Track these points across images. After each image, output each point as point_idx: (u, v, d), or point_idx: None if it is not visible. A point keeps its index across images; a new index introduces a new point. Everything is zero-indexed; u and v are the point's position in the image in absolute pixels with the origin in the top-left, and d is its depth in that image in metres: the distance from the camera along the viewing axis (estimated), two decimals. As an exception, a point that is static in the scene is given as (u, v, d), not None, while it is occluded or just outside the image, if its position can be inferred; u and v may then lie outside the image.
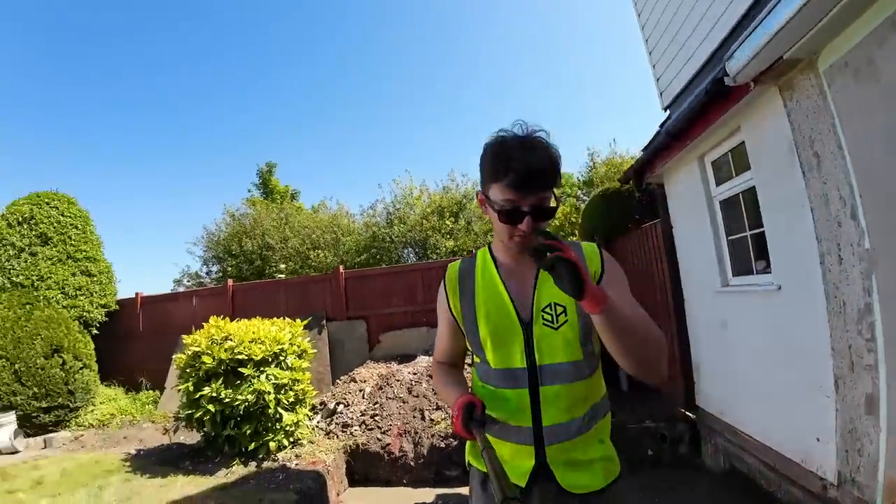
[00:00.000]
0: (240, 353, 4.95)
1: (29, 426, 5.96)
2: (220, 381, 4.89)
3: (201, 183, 33.18)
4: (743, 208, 3.29)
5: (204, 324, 5.34)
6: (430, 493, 4.57)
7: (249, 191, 17.08)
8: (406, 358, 6.68)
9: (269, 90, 34.08)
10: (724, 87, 2.54)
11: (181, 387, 5.06)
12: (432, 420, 5.28)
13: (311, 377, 6.67)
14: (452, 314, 1.26)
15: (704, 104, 2.87)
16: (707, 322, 3.82)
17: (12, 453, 5.42)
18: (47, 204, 7.45)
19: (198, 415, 4.83)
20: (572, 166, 13.94)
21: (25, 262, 6.97)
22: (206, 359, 4.96)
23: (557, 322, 1.11)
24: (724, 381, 3.62)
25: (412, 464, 4.92)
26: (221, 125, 32.49)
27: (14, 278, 6.81)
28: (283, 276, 11.67)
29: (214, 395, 4.79)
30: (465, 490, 4.32)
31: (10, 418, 5.62)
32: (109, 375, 7.85)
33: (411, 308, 6.93)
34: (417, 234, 11.00)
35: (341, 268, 7.53)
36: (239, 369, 4.93)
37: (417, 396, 5.73)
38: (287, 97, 34.19)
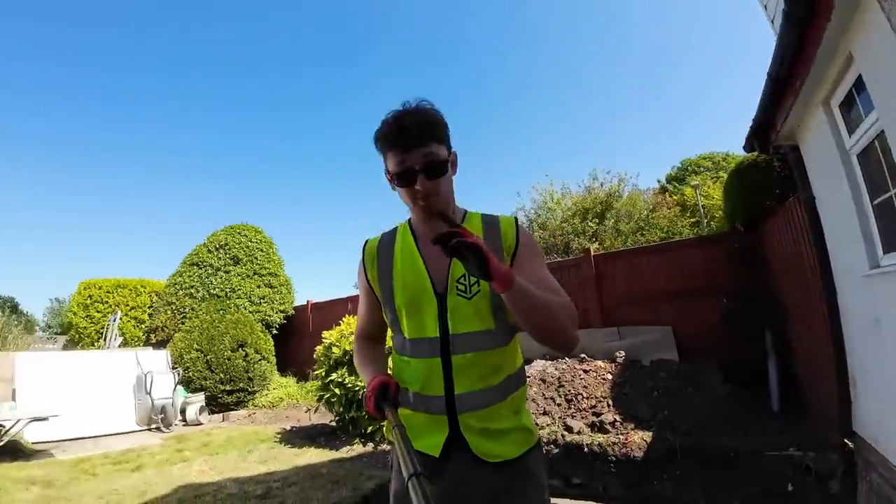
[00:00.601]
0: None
1: (214, 405, 7.76)
2: (344, 369, 5.67)
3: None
4: (882, 161, 2.52)
5: (347, 317, 6.33)
6: (527, 498, 4.47)
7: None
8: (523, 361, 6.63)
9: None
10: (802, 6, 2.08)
11: (318, 371, 6.03)
12: (537, 424, 5.15)
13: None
14: (370, 285, 1.29)
15: (793, 29, 2.36)
16: (858, 317, 2.96)
17: (196, 425, 7.15)
18: (238, 233, 9.79)
19: (327, 396, 5.71)
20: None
21: (220, 278, 9.22)
22: (335, 349, 5.83)
23: (471, 292, 1.14)
24: (880, 398, 2.74)
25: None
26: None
27: (212, 291, 9.07)
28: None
29: (340, 380, 5.59)
30: (562, 502, 4.14)
31: (200, 398, 7.45)
32: (285, 367, 9.68)
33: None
34: (559, 240, 10.75)
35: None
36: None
37: (525, 399, 5.64)
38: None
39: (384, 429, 1.34)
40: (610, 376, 5.23)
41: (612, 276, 6.01)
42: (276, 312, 9.75)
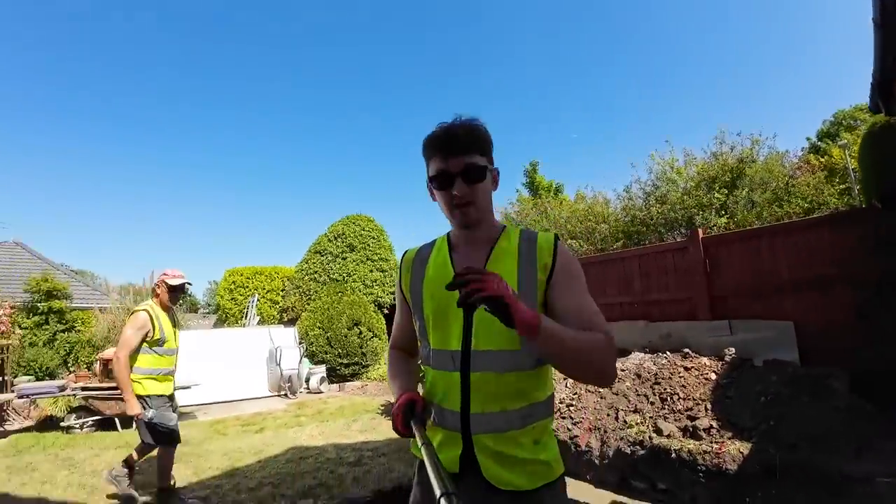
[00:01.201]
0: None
1: (334, 376, 8.83)
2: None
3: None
4: None
5: None
6: (609, 497, 4.33)
7: (518, 190, 18.89)
8: (619, 353, 6.25)
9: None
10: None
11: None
12: (626, 422, 4.88)
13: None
14: (403, 293, 1.31)
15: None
16: None
17: (317, 393, 8.21)
18: (353, 223, 10.86)
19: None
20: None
21: (339, 264, 10.33)
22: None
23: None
24: None
25: (596, 462, 4.72)
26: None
27: (332, 276, 10.22)
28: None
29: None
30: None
31: (321, 369, 8.52)
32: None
33: (626, 299, 6.40)
34: (681, 214, 9.69)
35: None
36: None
37: (617, 394, 5.36)
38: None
39: (411, 445, 1.30)
40: (714, 376, 4.69)
41: (724, 261, 5.26)
42: (387, 294, 10.63)
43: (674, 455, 4.02)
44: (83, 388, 5.49)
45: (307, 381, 8.43)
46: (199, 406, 7.08)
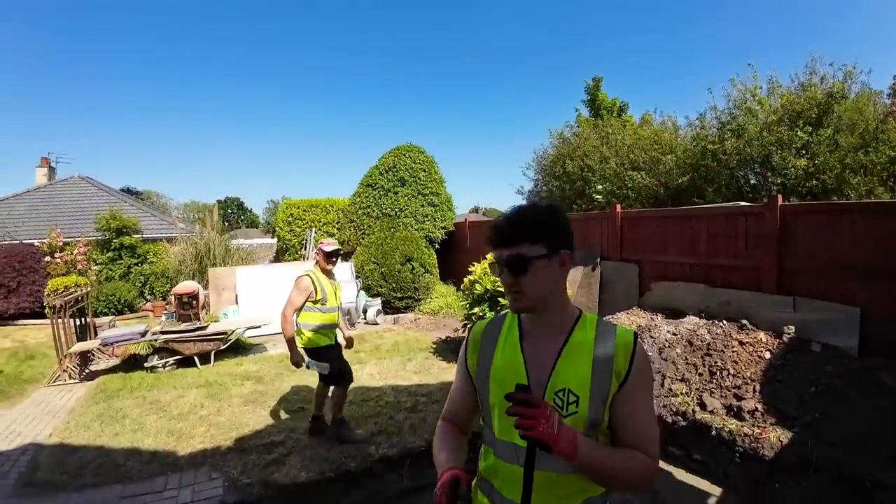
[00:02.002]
0: (500, 286, 6.19)
1: (389, 308, 9.47)
2: (486, 305, 6.33)
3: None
4: None
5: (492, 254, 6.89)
6: (645, 458, 4.66)
7: (577, 109, 17.62)
8: (674, 314, 6.29)
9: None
10: None
11: (462, 302, 6.83)
12: (671, 390, 5.09)
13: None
14: (468, 371, 1.32)
15: None
16: None
17: (374, 324, 8.88)
18: (404, 155, 10.82)
19: (470, 325, 6.54)
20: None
21: (390, 199, 10.52)
22: (478, 286, 6.47)
23: (566, 411, 1.13)
24: None
25: (636, 424, 5.03)
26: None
27: (384, 210, 10.48)
28: (600, 196, 12.18)
29: (481, 314, 6.28)
30: (678, 472, 4.26)
31: (377, 302, 9.13)
32: (446, 277, 11.15)
33: (689, 260, 6.27)
34: (757, 150, 8.97)
35: (618, 207, 7.46)
36: (498, 298, 6.20)
37: (666, 360, 5.51)
38: None
39: None
40: (768, 355, 4.70)
41: (801, 233, 4.97)
42: (438, 229, 10.89)
43: (714, 432, 4.23)
44: (162, 332, 6.16)
45: (364, 312, 9.13)
46: (269, 337, 7.91)
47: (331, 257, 4.02)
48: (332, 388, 4.19)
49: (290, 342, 3.93)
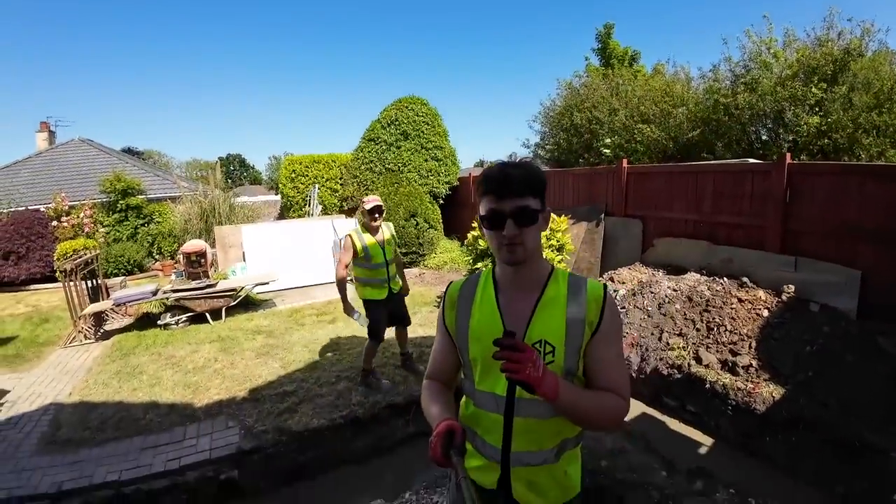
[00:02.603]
0: (504, 242, 6.26)
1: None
2: (488, 260, 6.40)
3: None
4: None
5: None
6: (641, 409, 4.83)
7: (587, 58, 16.93)
8: (676, 270, 6.35)
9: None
10: None
11: (466, 258, 6.91)
12: (668, 344, 5.22)
13: (581, 267, 7.44)
14: (447, 329, 1.36)
15: None
16: None
17: None
18: (406, 107, 10.53)
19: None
20: None
21: (393, 153, 10.37)
22: (481, 241, 6.51)
23: (544, 360, 1.15)
24: None
25: (633, 375, 5.17)
26: None
27: (387, 165, 10.36)
28: (608, 150, 11.96)
29: (484, 268, 6.39)
30: (672, 422, 4.44)
31: (383, 257, 9.22)
32: (451, 232, 11.17)
33: (693, 216, 6.26)
34: (770, 105, 8.73)
35: (625, 162, 7.35)
36: (502, 254, 6.29)
37: (665, 315, 5.62)
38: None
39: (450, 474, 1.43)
40: (766, 313, 4.79)
41: (807, 194, 4.92)
42: (442, 184, 10.80)
43: (708, 386, 4.38)
44: (173, 291, 6.27)
45: (369, 267, 9.27)
46: (278, 292, 8.10)
47: (372, 214, 4.12)
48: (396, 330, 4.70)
49: (341, 294, 4.30)
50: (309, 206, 11.01)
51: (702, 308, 5.25)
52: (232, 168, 52.32)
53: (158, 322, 6.25)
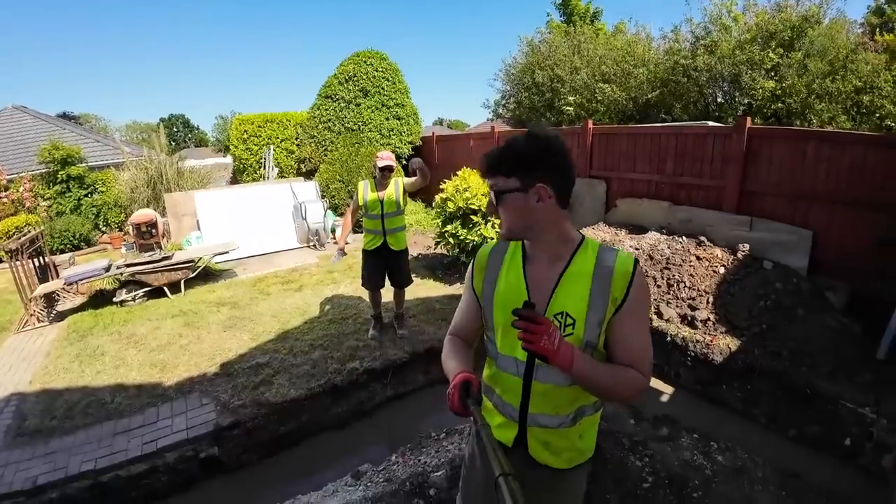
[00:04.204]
0: (472, 204, 6.23)
1: (358, 226, 9.28)
2: (458, 223, 6.39)
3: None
4: None
5: (465, 169, 6.78)
6: (605, 363, 5.12)
7: (549, 14, 16.68)
8: (637, 229, 6.59)
9: None
10: None
11: (434, 220, 6.87)
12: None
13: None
14: (475, 292, 1.40)
15: None
16: None
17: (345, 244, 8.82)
18: (365, 62, 10.05)
19: (443, 242, 6.65)
20: None
21: (353, 112, 9.98)
22: (450, 204, 6.48)
23: (563, 332, 1.20)
24: None
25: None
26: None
27: (346, 124, 9.98)
28: (570, 109, 12.02)
29: (454, 232, 6.37)
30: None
31: (346, 221, 9.01)
32: (415, 195, 10.86)
33: (656, 177, 6.45)
34: (728, 68, 9.00)
35: (590, 123, 7.41)
36: (470, 216, 6.27)
37: (628, 274, 5.86)
38: None
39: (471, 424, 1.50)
40: (723, 270, 5.10)
41: (764, 157, 5.17)
42: (405, 144, 10.56)
43: (668, 339, 4.67)
44: (127, 265, 5.87)
45: (333, 232, 9.05)
46: (238, 261, 7.76)
47: (383, 171, 4.32)
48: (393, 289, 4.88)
49: (339, 238, 4.84)
50: (264, 168, 10.51)
51: (662, 266, 5.51)
52: (175, 130, 48.89)
53: (114, 299, 5.90)
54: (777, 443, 3.63)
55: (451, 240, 6.47)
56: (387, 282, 4.78)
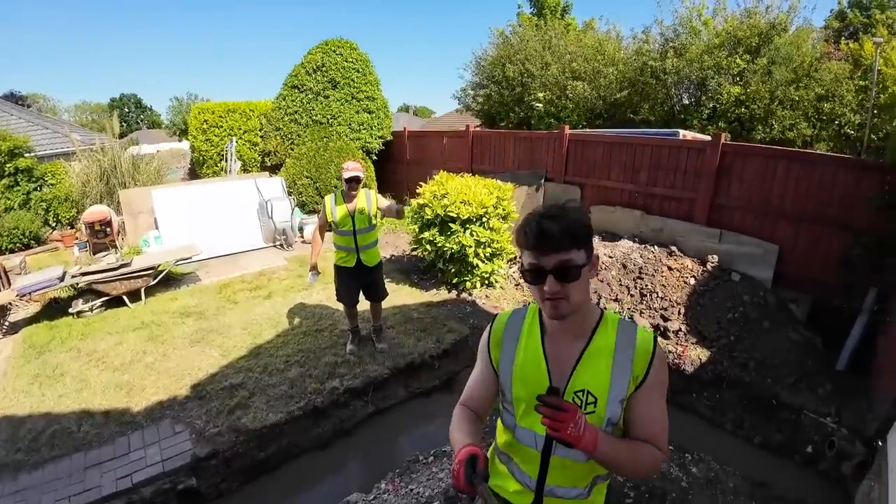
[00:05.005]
0: (451, 211, 6.19)
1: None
2: (435, 230, 6.35)
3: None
4: None
5: (441, 174, 6.73)
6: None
7: (520, 6, 16.62)
8: (610, 237, 6.77)
9: None
10: None
11: (411, 227, 6.80)
12: (606, 309, 5.63)
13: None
14: (492, 365, 1.38)
15: None
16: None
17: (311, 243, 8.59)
18: (334, 51, 9.72)
19: (419, 250, 6.60)
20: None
21: (321, 104, 9.66)
22: (427, 210, 6.41)
23: (584, 410, 1.19)
24: None
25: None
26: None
27: (314, 117, 9.67)
28: (540, 104, 12.06)
29: (431, 238, 6.33)
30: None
31: (314, 219, 8.73)
32: (385, 190, 10.82)
33: (630, 186, 6.62)
34: (696, 72, 9.25)
35: (566, 128, 7.49)
36: (448, 224, 6.24)
37: (602, 281, 6.01)
38: None
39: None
40: (693, 281, 5.32)
41: (736, 172, 5.39)
42: (375, 139, 10.34)
43: (642, 350, 4.86)
44: (83, 274, 5.49)
45: (301, 231, 8.79)
46: (201, 262, 7.36)
47: (349, 182, 4.19)
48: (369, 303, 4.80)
49: (310, 258, 4.55)
50: (226, 161, 10.05)
51: (635, 275, 5.70)
52: (127, 110, 45.78)
53: (70, 310, 5.51)
54: (743, 449, 3.86)
55: (428, 246, 6.42)
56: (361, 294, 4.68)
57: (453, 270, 6.36)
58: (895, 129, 5.46)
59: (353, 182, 4.18)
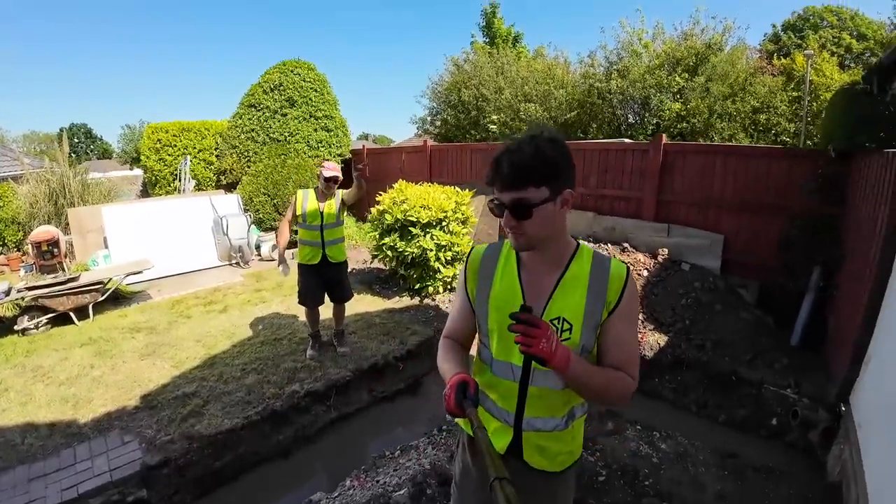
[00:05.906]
0: (411, 216, 6.18)
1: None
2: (396, 235, 6.31)
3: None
4: None
5: (401, 182, 6.76)
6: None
7: (473, 35, 17.30)
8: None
9: None
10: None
11: (371, 233, 6.74)
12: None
13: (481, 238, 7.74)
14: (468, 295, 1.39)
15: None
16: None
17: (270, 260, 8.37)
18: (291, 71, 9.75)
19: (380, 256, 6.54)
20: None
21: (279, 122, 9.60)
22: (387, 216, 6.39)
23: (560, 337, 1.19)
24: (881, 397, 2.78)
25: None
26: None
27: (272, 135, 9.58)
28: (494, 127, 12.40)
29: (392, 244, 6.28)
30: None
31: (271, 236, 8.56)
32: (347, 209, 10.64)
33: (581, 190, 6.84)
34: (639, 91, 9.81)
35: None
36: (409, 228, 6.22)
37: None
38: None
39: (462, 424, 1.48)
40: (646, 272, 5.50)
41: (678, 170, 5.72)
42: (334, 157, 10.30)
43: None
44: (29, 289, 5.13)
45: (258, 248, 8.55)
46: (152, 282, 7.04)
47: (328, 181, 4.19)
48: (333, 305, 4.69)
49: (279, 251, 4.48)
50: (180, 181, 9.72)
51: (593, 272, 5.84)
52: (77, 140, 43.59)
53: (15, 327, 5.15)
54: (709, 428, 3.92)
55: (389, 252, 6.38)
56: (326, 298, 4.56)
57: (415, 276, 6.33)
58: (824, 117, 5.87)
59: (332, 182, 4.20)
